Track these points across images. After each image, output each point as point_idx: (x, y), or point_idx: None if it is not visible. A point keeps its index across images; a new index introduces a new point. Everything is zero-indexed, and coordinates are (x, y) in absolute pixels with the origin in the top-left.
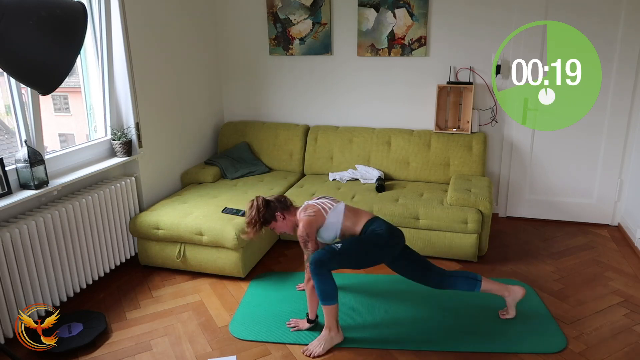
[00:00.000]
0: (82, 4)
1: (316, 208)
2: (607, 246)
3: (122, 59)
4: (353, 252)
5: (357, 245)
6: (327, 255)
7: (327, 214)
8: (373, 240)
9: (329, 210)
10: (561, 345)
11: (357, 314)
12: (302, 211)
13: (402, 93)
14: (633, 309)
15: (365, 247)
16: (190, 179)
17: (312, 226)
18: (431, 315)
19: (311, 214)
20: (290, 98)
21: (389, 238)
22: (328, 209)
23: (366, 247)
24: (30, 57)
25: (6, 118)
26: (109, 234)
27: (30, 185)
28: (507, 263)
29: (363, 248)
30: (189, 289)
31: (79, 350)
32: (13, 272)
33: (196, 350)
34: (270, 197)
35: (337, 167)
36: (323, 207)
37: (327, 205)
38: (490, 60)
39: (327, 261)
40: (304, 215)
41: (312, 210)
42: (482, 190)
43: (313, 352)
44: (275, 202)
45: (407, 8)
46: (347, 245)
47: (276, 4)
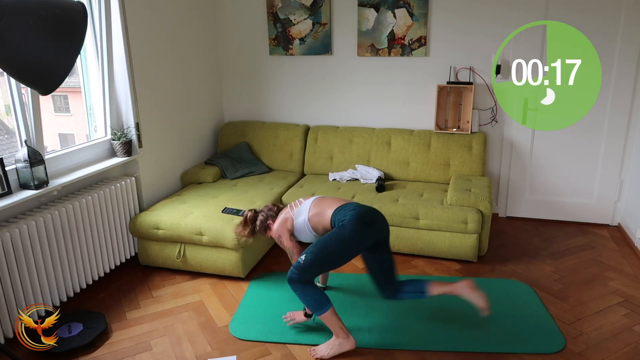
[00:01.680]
0: (82, 4)
1: (287, 209)
2: (607, 246)
3: (122, 59)
4: (319, 258)
5: (321, 247)
6: (296, 271)
7: (293, 210)
8: (335, 236)
9: (295, 207)
10: (561, 345)
11: (356, 313)
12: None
13: (402, 93)
14: (633, 309)
15: (329, 247)
16: (190, 179)
17: (283, 227)
18: (431, 315)
19: (282, 215)
20: (290, 98)
21: (354, 228)
22: (295, 206)
23: (330, 247)
24: (31, 57)
25: (6, 118)
26: (109, 234)
27: (30, 185)
28: (507, 263)
29: (327, 249)
30: (189, 289)
31: (79, 350)
32: (13, 272)
33: (196, 350)
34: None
35: (337, 167)
36: (290, 206)
37: (295, 202)
38: (490, 60)
39: (298, 277)
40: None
41: (285, 211)
42: (482, 190)
43: (318, 353)
44: (266, 212)
45: (407, 8)
46: (311, 253)
47: (276, 4)
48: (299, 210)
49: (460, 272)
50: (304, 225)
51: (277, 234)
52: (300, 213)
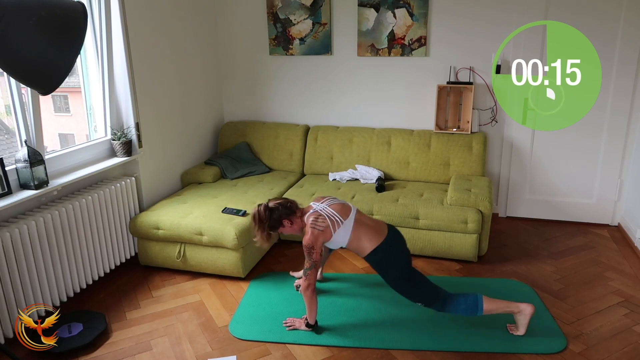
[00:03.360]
0: (82, 4)
1: (326, 223)
2: (607, 246)
3: (122, 59)
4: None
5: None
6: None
7: (335, 231)
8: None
9: (337, 227)
10: (561, 345)
11: (356, 314)
12: (312, 219)
13: (402, 93)
14: (633, 309)
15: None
16: (190, 179)
17: (319, 240)
18: (431, 316)
19: (320, 227)
20: (290, 98)
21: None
22: (337, 226)
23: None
24: (30, 57)
25: (6, 118)
26: (109, 234)
27: (30, 185)
28: (507, 263)
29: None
30: (189, 289)
31: (79, 350)
32: (13, 272)
33: (196, 350)
34: (275, 204)
35: (337, 167)
36: (332, 222)
37: (336, 219)
38: (490, 60)
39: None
40: (314, 227)
41: (323, 223)
42: (482, 190)
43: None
44: (280, 209)
45: (407, 8)
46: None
47: (276, 4)
48: (340, 230)
49: (460, 272)
50: (340, 243)
51: (309, 247)
52: (342, 234)
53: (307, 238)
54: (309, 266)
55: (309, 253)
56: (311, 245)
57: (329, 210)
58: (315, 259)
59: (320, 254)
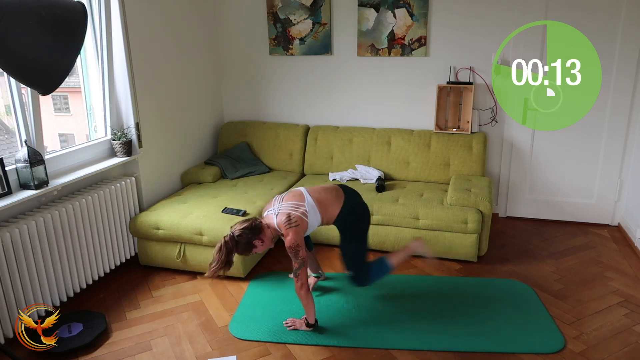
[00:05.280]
0: (82, 4)
1: (297, 216)
2: (607, 246)
3: (122, 59)
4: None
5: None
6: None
7: (308, 218)
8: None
9: (307, 214)
10: (560, 345)
11: (356, 314)
12: (285, 221)
13: (402, 93)
14: (633, 309)
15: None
16: (190, 179)
17: (301, 235)
18: (431, 315)
19: (296, 224)
20: (290, 98)
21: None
22: (305, 212)
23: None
24: (30, 57)
25: (6, 118)
26: (109, 234)
27: (30, 185)
28: (507, 263)
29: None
30: (189, 289)
31: (79, 350)
32: (13, 272)
33: (196, 350)
34: (240, 230)
35: (337, 167)
36: (300, 212)
37: (300, 208)
38: (490, 60)
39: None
40: (291, 226)
41: (295, 219)
42: (482, 190)
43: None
44: (247, 233)
45: (407, 8)
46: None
47: (276, 4)
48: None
49: (460, 272)
50: (314, 225)
51: (295, 247)
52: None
53: (290, 239)
54: (298, 266)
55: (295, 253)
56: (296, 244)
57: (288, 205)
58: (302, 256)
59: (306, 250)
